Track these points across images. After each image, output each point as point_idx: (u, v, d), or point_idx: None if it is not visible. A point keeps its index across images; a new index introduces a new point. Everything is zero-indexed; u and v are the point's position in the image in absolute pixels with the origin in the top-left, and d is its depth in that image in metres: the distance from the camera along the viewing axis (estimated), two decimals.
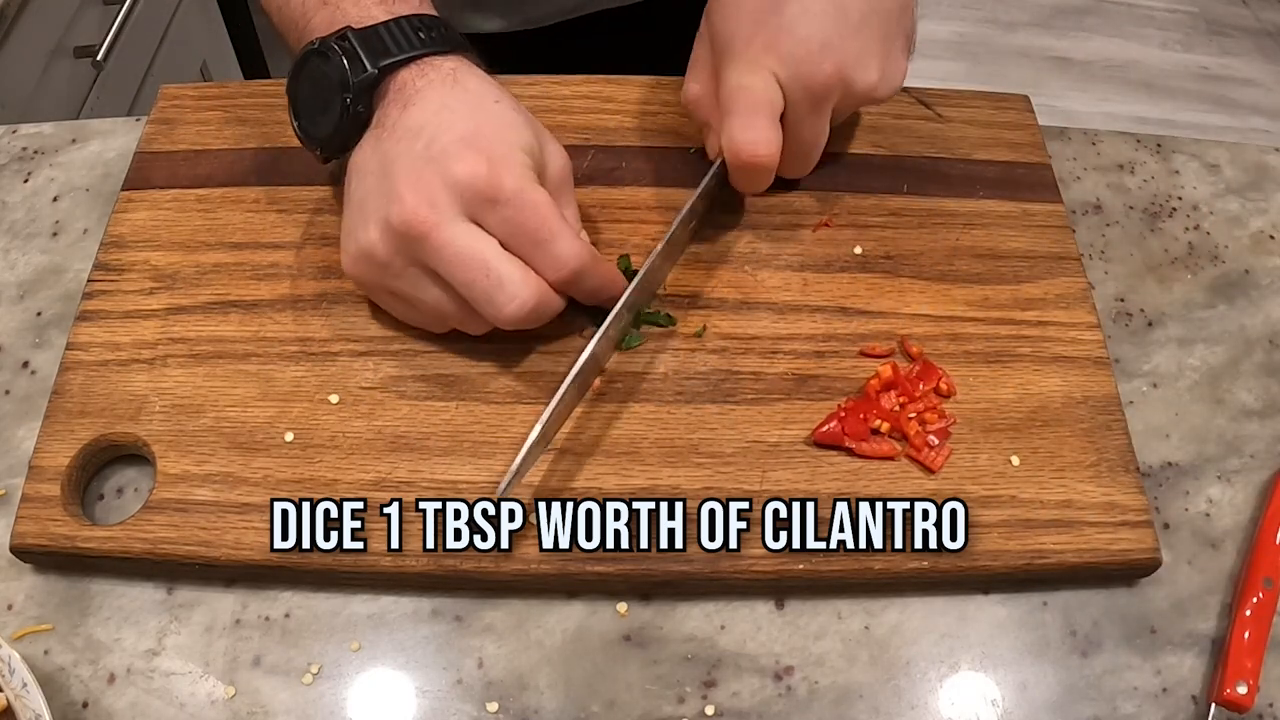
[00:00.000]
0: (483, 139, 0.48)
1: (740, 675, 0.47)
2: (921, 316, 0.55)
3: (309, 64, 0.51)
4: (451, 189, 0.47)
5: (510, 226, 0.47)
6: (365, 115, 0.50)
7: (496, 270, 0.46)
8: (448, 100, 0.49)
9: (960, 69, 2.07)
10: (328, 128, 0.51)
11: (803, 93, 0.52)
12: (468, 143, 0.47)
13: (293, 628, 0.47)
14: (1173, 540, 0.52)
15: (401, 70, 0.50)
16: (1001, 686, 0.47)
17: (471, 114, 0.49)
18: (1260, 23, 2.26)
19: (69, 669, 0.46)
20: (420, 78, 0.50)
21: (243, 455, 0.49)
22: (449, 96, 0.49)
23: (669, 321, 0.54)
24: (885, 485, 0.50)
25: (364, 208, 0.49)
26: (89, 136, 0.64)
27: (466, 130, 0.48)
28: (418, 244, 0.47)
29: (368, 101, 0.50)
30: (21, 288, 0.57)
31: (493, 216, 0.47)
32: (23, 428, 0.52)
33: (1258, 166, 0.66)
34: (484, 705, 0.46)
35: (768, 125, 0.52)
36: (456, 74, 0.50)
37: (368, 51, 0.49)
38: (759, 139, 0.52)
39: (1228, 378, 0.57)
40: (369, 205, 0.48)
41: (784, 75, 0.52)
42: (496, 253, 0.47)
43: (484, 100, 0.50)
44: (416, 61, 0.50)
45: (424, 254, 0.47)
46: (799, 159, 0.56)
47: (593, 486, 0.49)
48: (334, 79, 0.50)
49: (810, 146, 0.55)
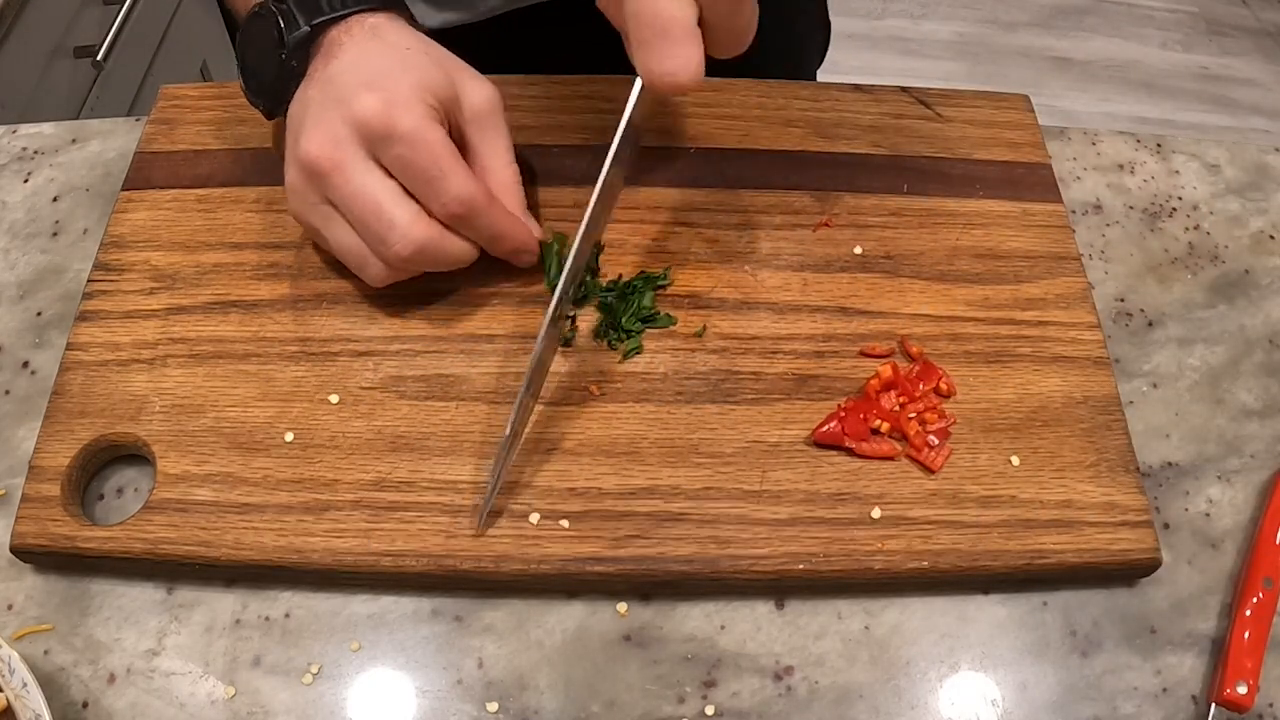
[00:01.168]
0: (385, 81, 0.50)
1: (740, 675, 0.47)
2: (921, 316, 0.55)
3: (252, 26, 0.55)
4: (351, 127, 0.49)
5: (403, 164, 0.49)
6: (300, 69, 0.53)
7: (389, 211, 0.49)
8: (364, 50, 0.52)
9: (960, 69, 2.07)
10: (266, 85, 0.55)
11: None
12: (369, 85, 0.49)
13: (293, 628, 0.47)
14: (1173, 540, 0.52)
15: (332, 28, 0.53)
16: (1001, 686, 0.47)
17: (381, 60, 0.51)
18: (1260, 23, 2.26)
19: (69, 669, 0.46)
20: (345, 34, 0.53)
21: (243, 455, 0.49)
22: (366, 47, 0.52)
23: (669, 321, 0.54)
24: (885, 485, 0.50)
25: (289, 149, 0.52)
26: (89, 136, 0.64)
27: (371, 74, 0.50)
28: (322, 180, 0.50)
29: (301, 57, 0.53)
30: (21, 288, 0.57)
31: (388, 154, 0.49)
32: (23, 428, 0.52)
33: (1258, 166, 0.66)
34: (484, 705, 0.46)
35: (683, 47, 0.44)
36: (378, 28, 0.53)
37: (302, 11, 0.53)
38: (678, 65, 0.44)
39: (1228, 378, 0.57)
40: (289, 145, 0.52)
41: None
42: (392, 195, 0.49)
43: (396, 48, 0.52)
44: (345, 19, 0.53)
45: (328, 190, 0.50)
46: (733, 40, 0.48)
47: (593, 486, 0.49)
48: (273, 37, 0.53)
49: (743, 31, 0.48)
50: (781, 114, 0.63)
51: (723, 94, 0.64)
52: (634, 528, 0.48)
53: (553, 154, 0.60)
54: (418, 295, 0.54)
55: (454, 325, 0.54)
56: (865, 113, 0.63)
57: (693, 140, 0.61)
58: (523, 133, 0.61)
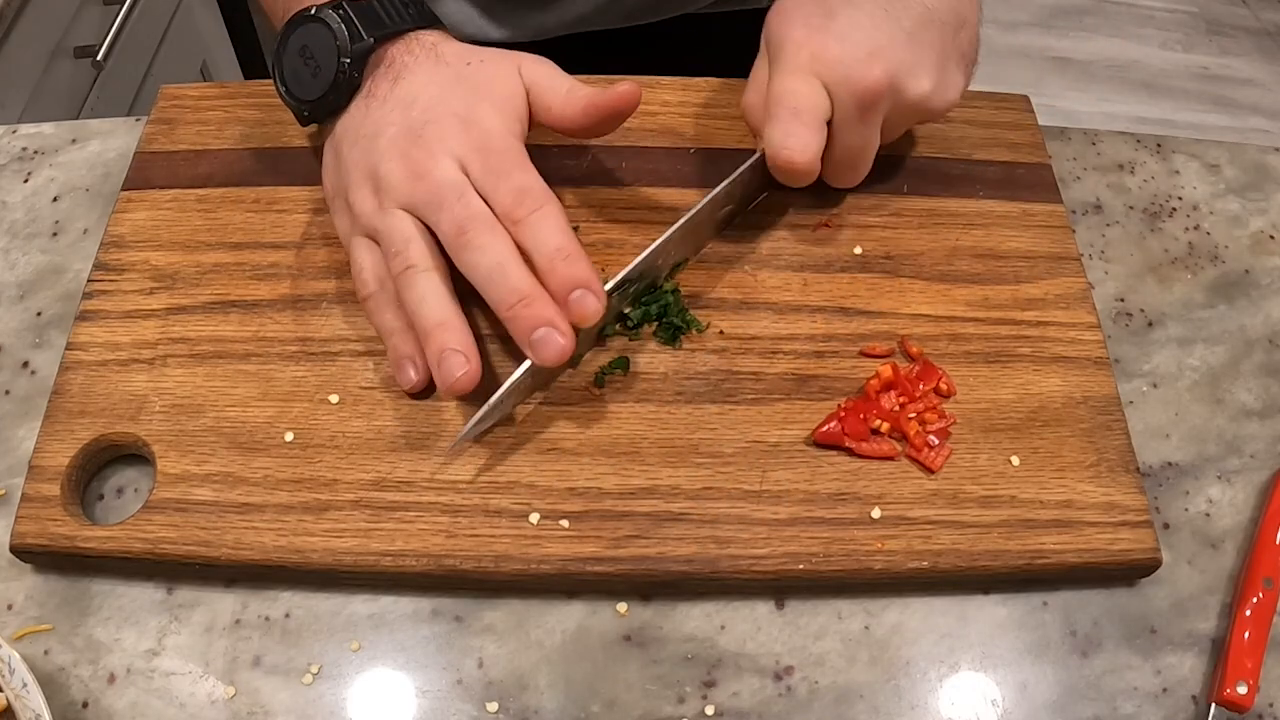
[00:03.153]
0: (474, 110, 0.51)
1: (740, 675, 0.47)
2: (921, 316, 0.55)
3: (303, 28, 0.54)
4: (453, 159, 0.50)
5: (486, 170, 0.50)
6: (357, 81, 0.54)
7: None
8: (433, 74, 0.53)
9: None
10: (319, 90, 0.54)
11: (850, 98, 0.52)
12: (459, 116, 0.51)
13: (293, 628, 0.47)
14: (1173, 540, 0.52)
15: (390, 44, 0.54)
16: (1001, 686, 0.47)
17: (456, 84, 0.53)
18: (1260, 23, 2.26)
19: (69, 669, 0.46)
20: (406, 52, 0.54)
21: (243, 455, 0.49)
22: (434, 70, 0.53)
23: (696, 325, 0.54)
24: (885, 485, 0.50)
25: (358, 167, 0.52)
26: (89, 136, 0.64)
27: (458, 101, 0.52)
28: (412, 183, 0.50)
29: (360, 68, 0.53)
30: (21, 288, 0.57)
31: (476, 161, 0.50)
32: (23, 428, 0.52)
33: (1258, 166, 0.66)
34: (484, 705, 0.46)
35: (807, 130, 0.52)
36: (437, 47, 0.54)
37: (364, 22, 0.53)
38: (796, 144, 0.52)
39: (1228, 378, 0.57)
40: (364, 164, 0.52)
41: (831, 81, 0.52)
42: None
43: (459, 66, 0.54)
44: (404, 36, 0.54)
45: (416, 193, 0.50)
46: (846, 167, 0.56)
47: (593, 486, 0.49)
48: (331, 44, 0.53)
49: (858, 155, 0.55)
50: None
51: (722, 94, 0.64)
52: (634, 528, 0.48)
53: (553, 154, 0.60)
54: None
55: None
56: None
57: (693, 140, 0.61)
58: None
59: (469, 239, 0.48)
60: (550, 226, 0.48)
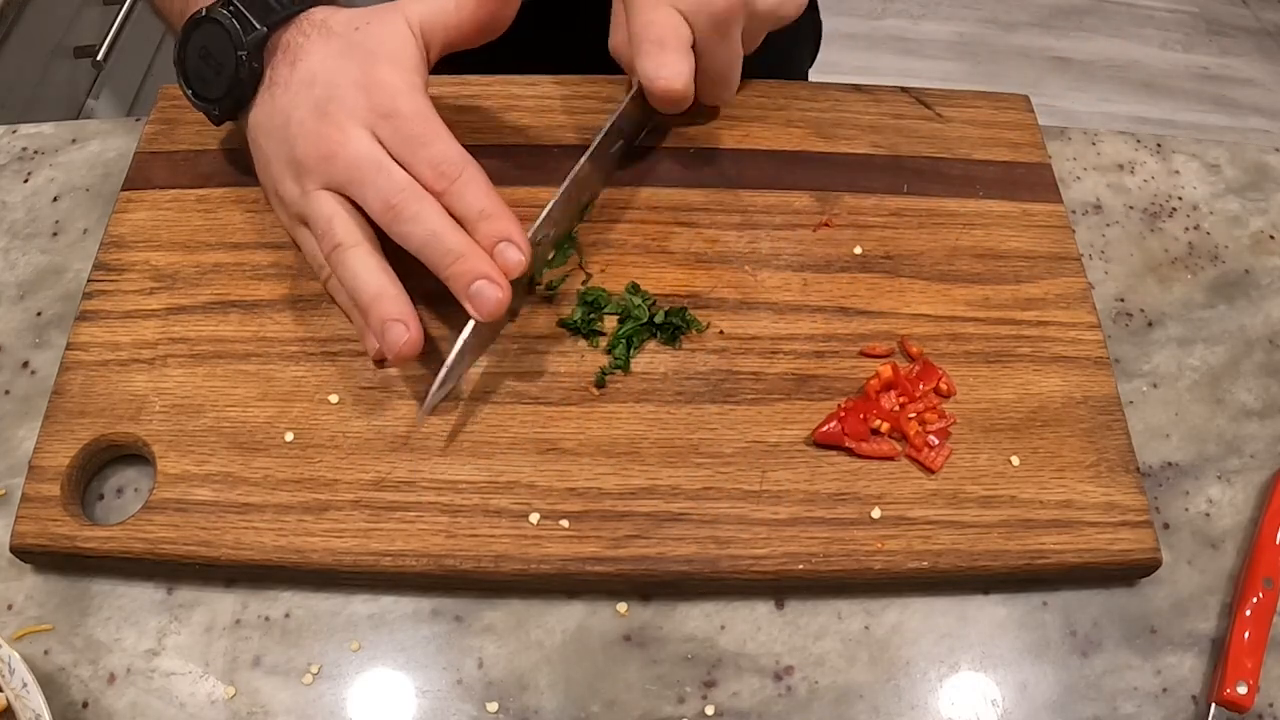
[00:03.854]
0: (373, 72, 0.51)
1: (740, 675, 0.47)
2: (921, 316, 0.55)
3: (199, 30, 0.54)
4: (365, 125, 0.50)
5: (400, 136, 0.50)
6: (258, 72, 0.54)
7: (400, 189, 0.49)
8: (327, 49, 0.53)
9: (960, 69, 2.07)
10: (223, 88, 0.54)
11: (707, 20, 0.54)
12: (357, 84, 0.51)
13: (293, 628, 0.47)
14: (1173, 540, 0.52)
15: (283, 30, 0.54)
16: (1001, 686, 0.47)
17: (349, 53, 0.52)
18: (1260, 23, 2.26)
19: (69, 669, 0.46)
20: (300, 34, 0.54)
21: (243, 455, 0.49)
22: (327, 44, 0.53)
23: (696, 325, 0.54)
24: (885, 485, 0.50)
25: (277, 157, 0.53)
26: (89, 136, 0.64)
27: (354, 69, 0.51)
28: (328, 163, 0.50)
29: (259, 59, 0.53)
30: (21, 288, 0.57)
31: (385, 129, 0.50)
32: (23, 428, 0.52)
33: (1258, 166, 0.66)
34: (484, 705, 0.46)
35: (676, 56, 0.54)
36: (327, 22, 0.54)
37: (255, 13, 0.53)
38: (669, 72, 0.54)
39: (1228, 378, 0.57)
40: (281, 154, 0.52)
41: (687, 8, 0.54)
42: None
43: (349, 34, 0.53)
44: (295, 18, 0.54)
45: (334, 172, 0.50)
46: (719, 84, 0.58)
47: (593, 486, 0.49)
48: (227, 40, 0.53)
49: (726, 71, 0.58)
50: (781, 114, 0.63)
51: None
52: (634, 528, 0.48)
53: (553, 154, 0.60)
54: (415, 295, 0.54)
55: (452, 325, 0.54)
56: (865, 113, 0.63)
57: (693, 140, 0.61)
58: (524, 133, 0.61)
59: (398, 212, 0.49)
60: (473, 191, 0.50)
